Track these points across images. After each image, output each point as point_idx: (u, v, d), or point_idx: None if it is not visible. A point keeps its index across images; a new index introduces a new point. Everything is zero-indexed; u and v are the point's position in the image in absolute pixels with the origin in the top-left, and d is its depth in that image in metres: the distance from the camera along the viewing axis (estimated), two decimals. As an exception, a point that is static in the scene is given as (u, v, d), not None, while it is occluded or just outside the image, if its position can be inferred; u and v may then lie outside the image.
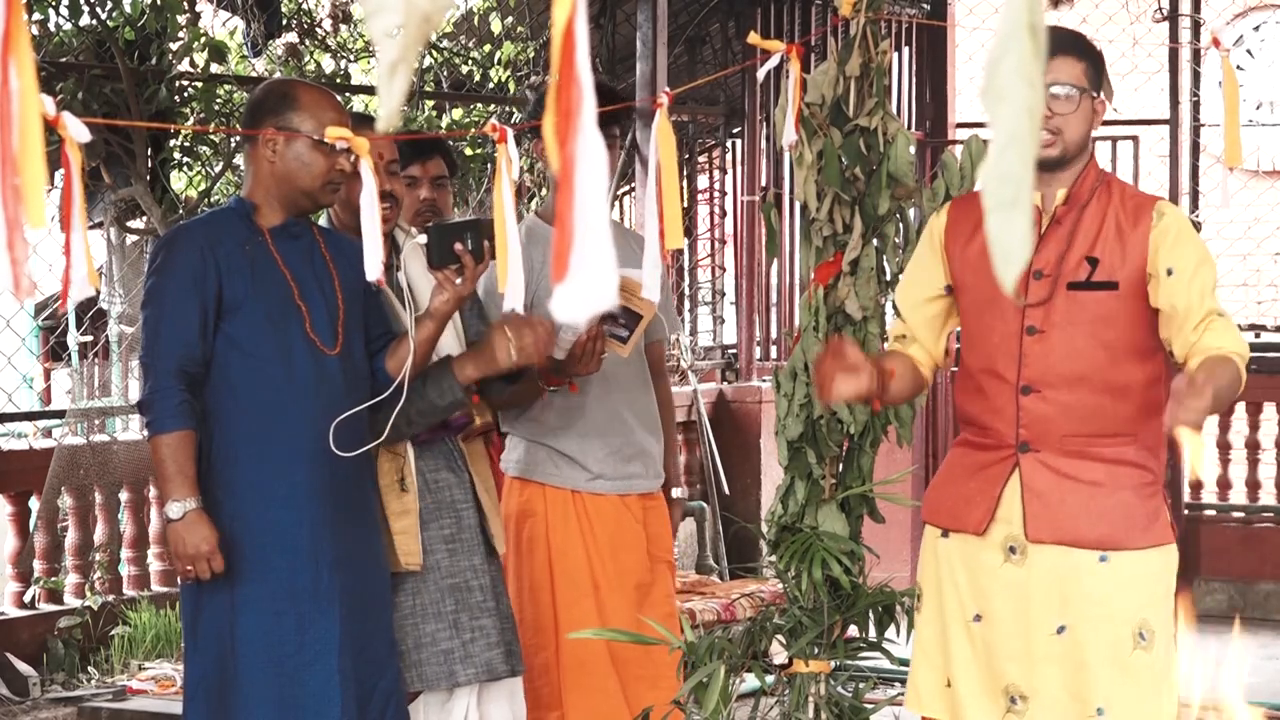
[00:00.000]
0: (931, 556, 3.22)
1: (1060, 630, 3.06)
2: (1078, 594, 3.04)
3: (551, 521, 3.89)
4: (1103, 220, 3.08)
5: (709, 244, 9.07)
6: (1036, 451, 3.08)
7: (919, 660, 3.23)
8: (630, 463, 3.93)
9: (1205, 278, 3.00)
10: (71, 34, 6.53)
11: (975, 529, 3.13)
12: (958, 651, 3.16)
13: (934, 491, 3.28)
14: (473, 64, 8.37)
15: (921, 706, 3.23)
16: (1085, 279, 3.06)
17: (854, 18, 3.15)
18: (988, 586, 3.12)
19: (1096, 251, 3.06)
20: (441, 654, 3.52)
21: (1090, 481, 3.06)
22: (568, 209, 1.05)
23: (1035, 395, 3.08)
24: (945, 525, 3.20)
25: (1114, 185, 3.14)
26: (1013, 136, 0.98)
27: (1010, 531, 3.10)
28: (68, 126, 2.19)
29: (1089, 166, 3.13)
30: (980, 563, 3.13)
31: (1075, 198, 3.10)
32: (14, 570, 5.75)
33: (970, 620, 3.15)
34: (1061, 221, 3.10)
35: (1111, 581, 3.04)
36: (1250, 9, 12.57)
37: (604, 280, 1.05)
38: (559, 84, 1.06)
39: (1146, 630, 3.04)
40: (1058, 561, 3.06)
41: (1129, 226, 3.06)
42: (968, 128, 7.72)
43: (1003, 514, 3.10)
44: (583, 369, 3.70)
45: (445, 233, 3.30)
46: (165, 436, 3.18)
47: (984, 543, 3.13)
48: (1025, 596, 3.08)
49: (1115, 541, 3.04)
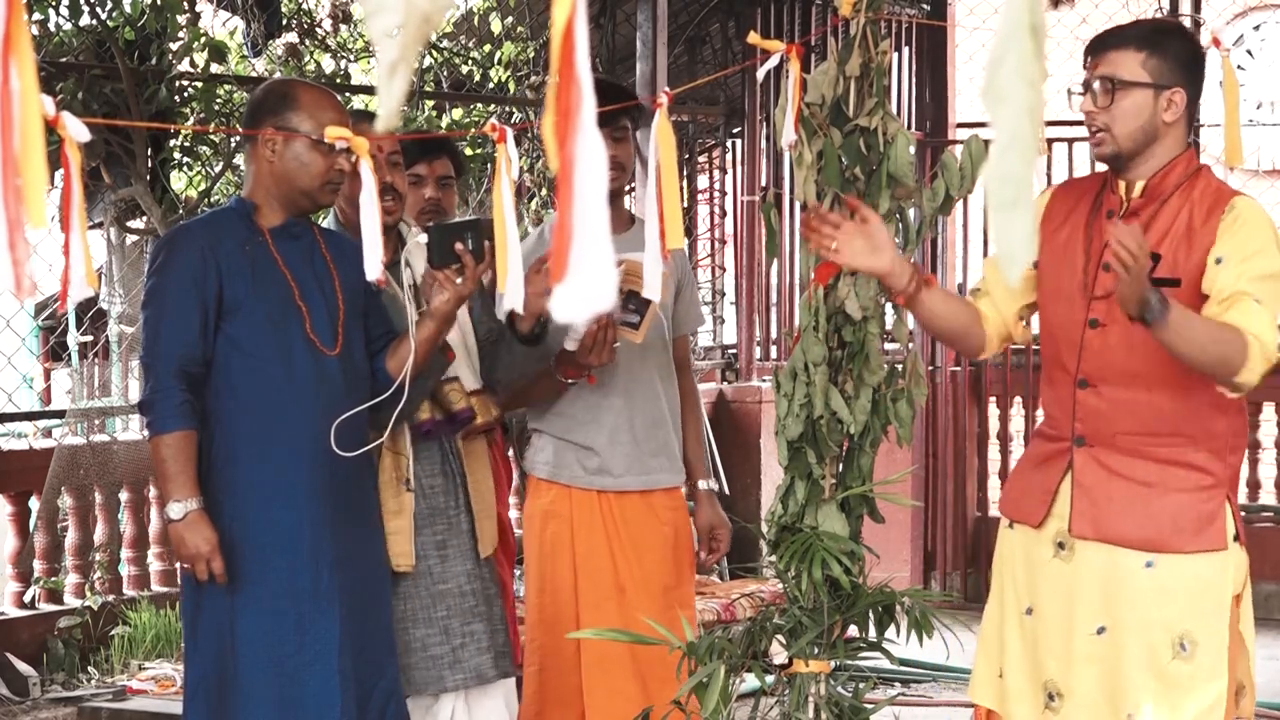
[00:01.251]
0: (1001, 546, 3.23)
1: (1100, 631, 3.03)
2: (1120, 596, 3.00)
3: (577, 525, 3.88)
4: (1177, 216, 3.00)
5: (709, 244, 9.07)
6: (1091, 447, 3.05)
7: (980, 649, 3.25)
8: (655, 457, 3.92)
9: (1257, 266, 2.89)
10: (71, 34, 6.53)
11: (1033, 521, 3.13)
12: (1010, 643, 3.16)
13: (1008, 481, 3.29)
14: (473, 64, 8.37)
15: (975, 694, 3.25)
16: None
17: (854, 18, 3.15)
18: (1038, 580, 3.12)
19: (1164, 246, 2.98)
20: (430, 659, 3.52)
21: (1141, 481, 3.01)
22: (568, 209, 1.05)
23: (1091, 389, 3.05)
24: (1011, 516, 3.20)
25: (1200, 179, 3.04)
26: (1014, 137, 0.99)
27: (1060, 526, 3.08)
28: (67, 126, 2.19)
29: (1176, 161, 3.03)
30: (1035, 556, 3.13)
31: (1154, 191, 3.03)
32: (14, 570, 5.75)
33: (1023, 613, 3.15)
34: (1139, 214, 3.03)
35: (1155, 587, 2.98)
36: (1250, 9, 12.57)
37: (604, 280, 1.05)
38: (559, 84, 1.06)
39: (1189, 640, 2.97)
40: (1104, 561, 3.03)
41: (1200, 222, 2.97)
42: (968, 128, 7.72)
43: (1057, 508, 3.09)
44: (595, 359, 3.69)
45: (446, 233, 3.30)
46: (166, 437, 3.18)
47: (1039, 536, 3.12)
48: (1070, 593, 3.06)
49: (1161, 544, 2.98)
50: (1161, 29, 3.11)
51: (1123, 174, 3.07)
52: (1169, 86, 2.99)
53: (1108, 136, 3.01)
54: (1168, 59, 3.00)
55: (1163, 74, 2.99)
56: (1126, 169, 3.06)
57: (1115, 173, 3.10)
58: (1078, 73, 3.19)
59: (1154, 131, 3.01)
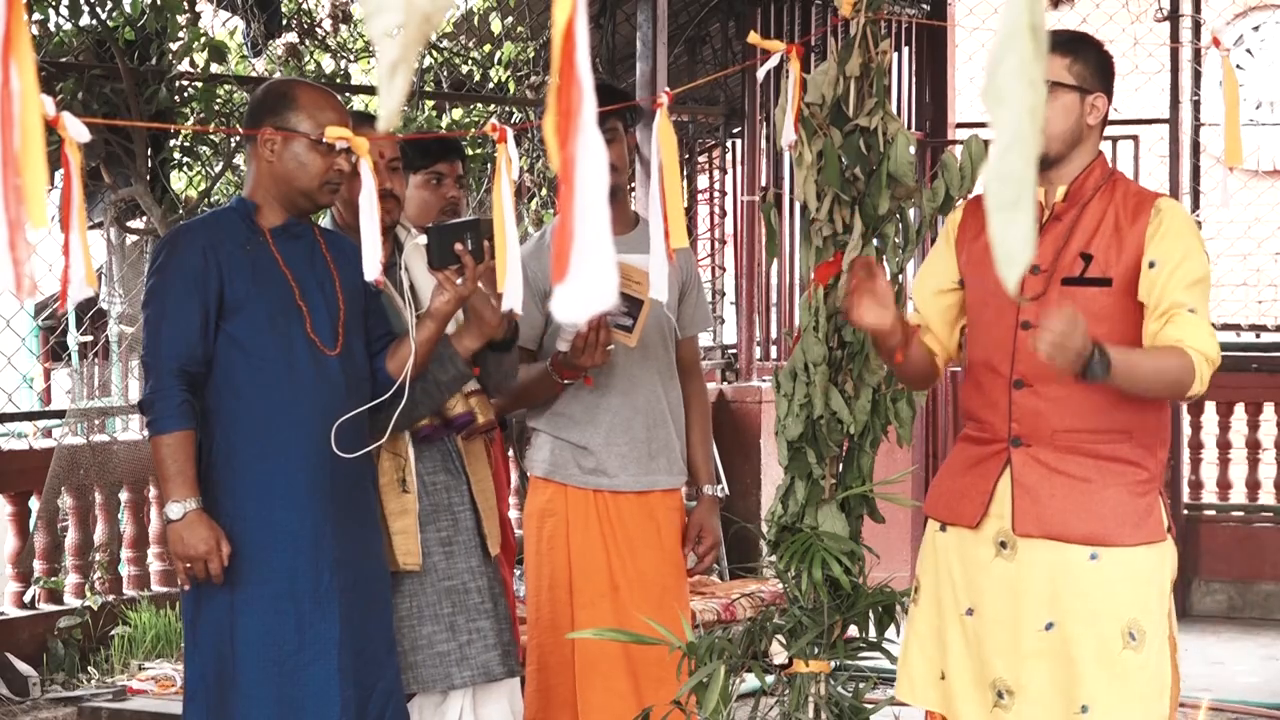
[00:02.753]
0: (930, 549, 3.24)
1: (1049, 627, 3.06)
2: (1067, 591, 3.04)
3: (573, 522, 3.88)
4: (1102, 217, 3.08)
5: (709, 244, 9.07)
6: (1028, 446, 3.09)
7: (914, 651, 3.24)
8: (654, 459, 3.92)
9: (1187, 272, 2.99)
10: (71, 34, 6.53)
11: (969, 523, 3.15)
12: (952, 644, 3.17)
13: (935, 485, 3.31)
14: (473, 64, 8.36)
15: (915, 697, 3.25)
16: (1079, 275, 3.06)
17: (854, 18, 3.15)
18: (979, 581, 3.14)
19: (1092, 248, 3.06)
20: (438, 656, 3.52)
21: (1081, 477, 3.06)
22: (568, 209, 1.05)
23: (1027, 390, 3.09)
24: (943, 518, 3.22)
25: (1119, 183, 3.14)
26: (1015, 137, 0.99)
27: (1001, 526, 3.11)
28: (67, 127, 2.19)
29: (1094, 164, 3.13)
30: (973, 557, 3.15)
31: (1076, 194, 3.11)
32: (14, 570, 5.75)
33: (963, 614, 3.16)
34: (1061, 218, 3.11)
35: (1101, 579, 3.03)
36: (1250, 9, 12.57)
37: (605, 280, 1.05)
38: (560, 84, 1.06)
39: (1136, 630, 3.03)
40: (1048, 558, 3.06)
41: (1127, 223, 3.06)
42: (968, 128, 7.72)
43: (995, 509, 3.12)
44: (587, 361, 3.69)
45: (445, 233, 3.30)
46: (166, 437, 3.18)
47: (977, 537, 3.14)
48: (1015, 592, 3.09)
49: (1104, 538, 3.04)
50: (1079, 37, 3.21)
51: (1043, 178, 3.10)
52: (1092, 91, 3.09)
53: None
54: (1089, 65, 3.10)
55: (1085, 79, 3.09)
56: (1048, 172, 3.11)
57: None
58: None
59: (1078, 134, 3.10)
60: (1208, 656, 6.88)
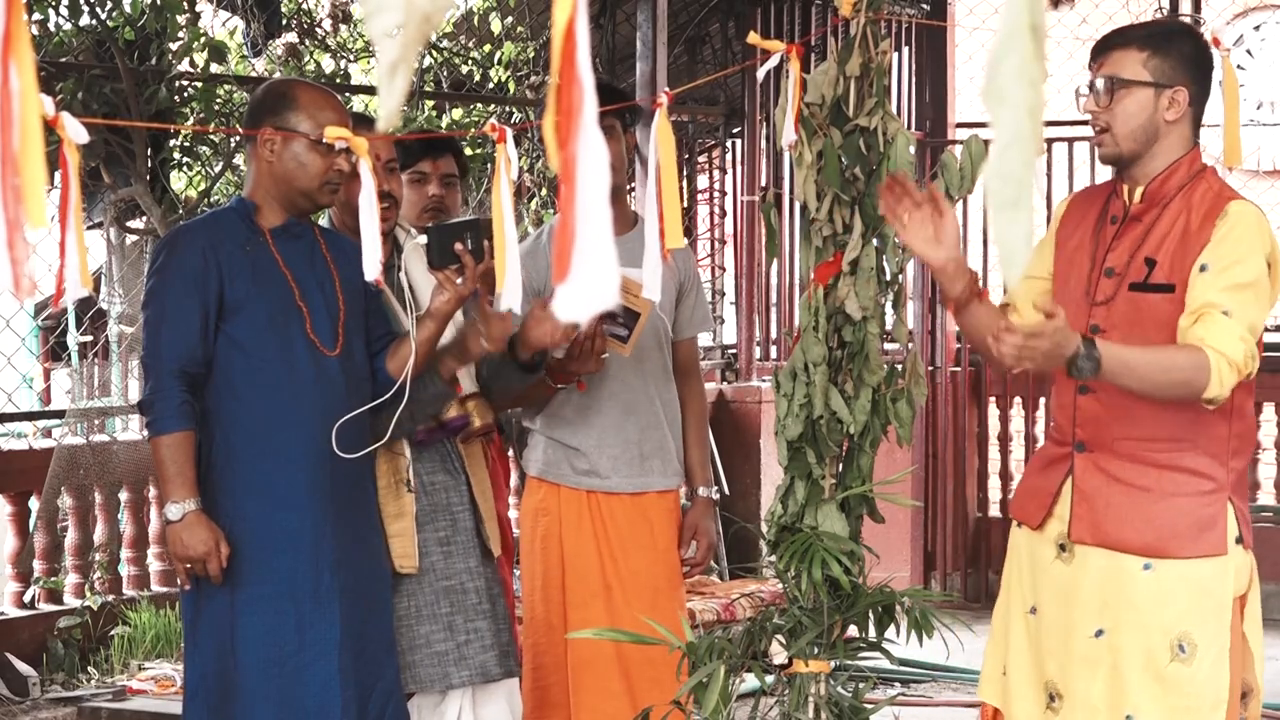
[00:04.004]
0: (1011, 545, 3.25)
1: (1099, 634, 3.03)
2: (1119, 599, 3.01)
3: (565, 522, 3.88)
4: (1176, 220, 2.99)
5: (709, 244, 9.07)
6: (1091, 452, 3.06)
7: (988, 646, 3.27)
8: (647, 460, 3.92)
9: (1234, 275, 2.88)
10: (71, 34, 6.53)
11: (1033, 523, 3.15)
12: (1014, 642, 3.18)
13: (1019, 483, 3.32)
14: (473, 64, 8.36)
15: (983, 692, 3.27)
16: (1144, 280, 2.99)
17: (854, 18, 3.15)
18: (1041, 581, 3.14)
19: (1161, 252, 2.98)
20: (436, 656, 3.52)
21: (1140, 486, 3.01)
22: (569, 209, 1.05)
23: (1091, 395, 3.05)
24: (1017, 517, 3.23)
25: (1202, 182, 3.02)
26: (1015, 137, 0.98)
27: (1061, 529, 3.10)
28: (66, 127, 2.19)
29: (1178, 163, 3.02)
30: (1038, 556, 3.15)
31: (1155, 195, 3.03)
32: (14, 570, 5.76)
33: (1027, 612, 3.17)
34: (1140, 219, 3.03)
35: (1153, 590, 2.98)
36: (1250, 9, 12.57)
37: (606, 280, 1.04)
38: (560, 84, 1.06)
39: (1187, 643, 2.97)
40: (1102, 564, 3.03)
41: (1196, 226, 2.96)
42: (968, 128, 7.72)
43: (1058, 511, 3.11)
44: (581, 367, 3.70)
45: (445, 233, 3.30)
46: (165, 437, 3.18)
47: (1042, 537, 3.14)
48: (1070, 596, 3.07)
49: (1159, 549, 2.98)
50: (1166, 29, 3.12)
51: (1127, 176, 3.07)
52: (1170, 85, 2.99)
53: (1109, 137, 3.02)
54: (1170, 58, 2.99)
55: (1164, 73, 2.99)
56: (1130, 170, 3.05)
57: (1120, 175, 3.10)
58: (1078, 73, 3.20)
59: (1155, 131, 3.00)
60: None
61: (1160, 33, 3.07)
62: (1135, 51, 3.00)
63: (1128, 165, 3.05)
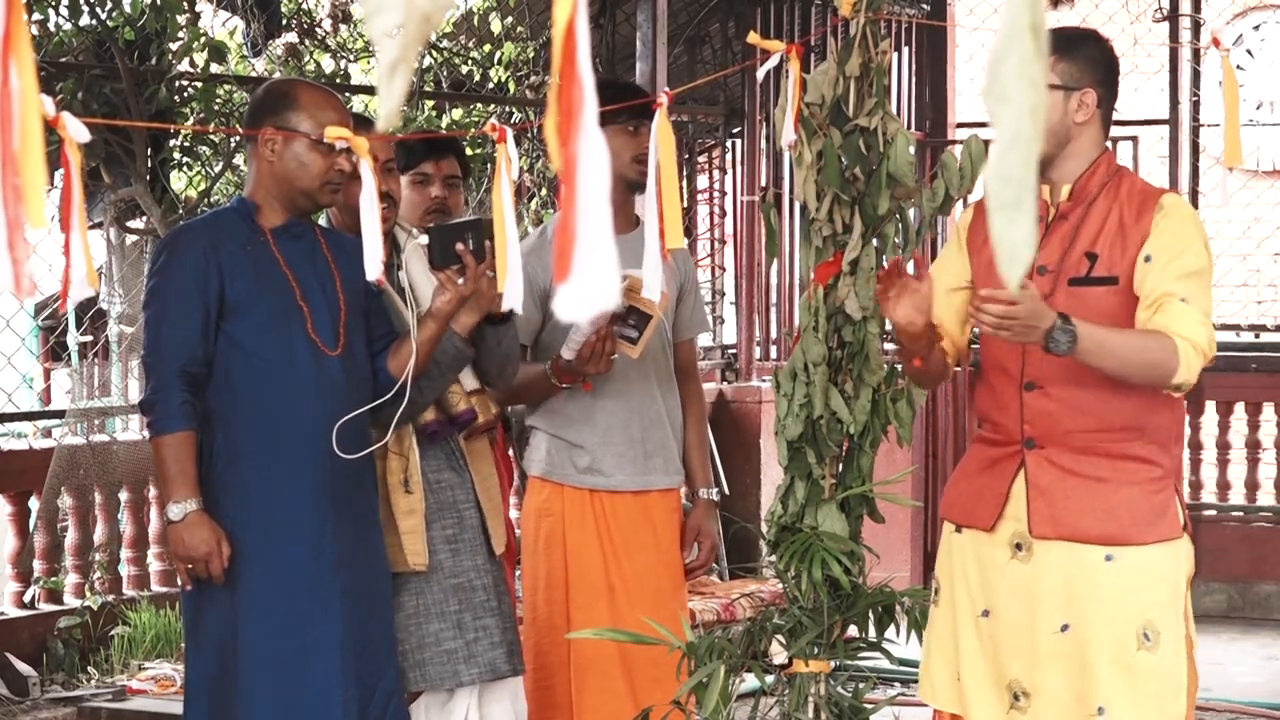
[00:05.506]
0: (947, 551, 3.25)
1: (1064, 628, 3.05)
2: (1083, 592, 3.04)
3: (569, 522, 3.89)
4: (1107, 215, 3.07)
5: (709, 244, 9.07)
6: (1042, 448, 3.09)
7: (934, 653, 3.26)
8: (650, 459, 3.92)
9: (1183, 264, 2.97)
10: (71, 34, 6.53)
11: (984, 525, 3.15)
12: (966, 646, 3.18)
13: (950, 487, 3.32)
14: (473, 64, 8.36)
15: (935, 699, 3.26)
16: (1085, 274, 3.06)
17: (854, 18, 3.15)
18: (995, 583, 3.14)
19: (1097, 247, 3.06)
20: (445, 654, 3.52)
21: (1096, 477, 3.05)
22: (570, 208, 1.05)
23: (1038, 391, 3.09)
24: (958, 521, 3.23)
25: (1125, 180, 3.13)
26: (1015, 137, 0.98)
27: (1017, 528, 3.11)
28: (67, 127, 2.18)
29: (1098, 162, 3.12)
30: (988, 559, 3.15)
31: (1080, 193, 3.11)
32: (14, 570, 5.75)
33: (978, 615, 3.17)
34: (1067, 217, 3.10)
35: (1117, 580, 3.03)
36: (1250, 9, 12.57)
37: (607, 279, 1.05)
38: (561, 84, 1.06)
39: (1151, 631, 3.02)
40: (1064, 559, 3.06)
41: (1131, 220, 3.05)
42: (968, 128, 7.72)
43: (1010, 511, 3.12)
44: (592, 368, 3.70)
45: (447, 233, 3.30)
46: (167, 437, 3.18)
47: (993, 539, 3.15)
48: (1031, 594, 3.08)
49: (1120, 538, 3.03)
50: (1073, 34, 3.21)
51: (1043, 178, 3.10)
52: (1078, 88, 3.08)
53: None
54: (1077, 62, 3.09)
55: (1071, 76, 3.08)
56: (1046, 171, 3.11)
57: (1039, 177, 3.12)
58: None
59: (1066, 132, 3.09)
60: (1208, 657, 6.85)
61: (1066, 38, 3.14)
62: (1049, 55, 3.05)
63: (1044, 167, 3.10)
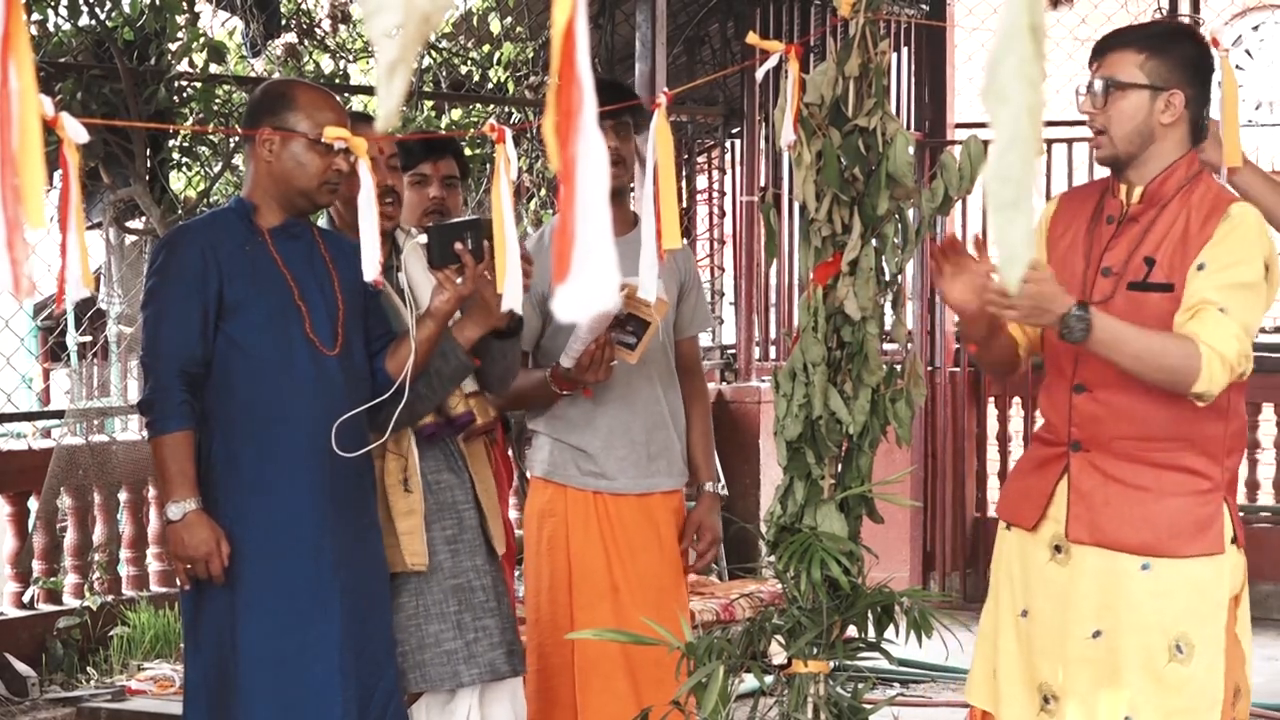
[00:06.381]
0: (999, 548, 3.24)
1: (1096, 634, 3.02)
2: (1117, 600, 3.00)
3: (572, 523, 3.88)
4: (1174, 221, 2.99)
5: (708, 244, 9.06)
6: (1087, 451, 3.05)
7: (977, 649, 3.26)
8: (653, 461, 3.92)
9: (1231, 275, 2.89)
10: (71, 34, 6.52)
11: (1027, 524, 3.13)
12: (1004, 645, 3.17)
13: (1006, 484, 3.31)
14: (472, 64, 8.36)
15: (970, 694, 3.26)
16: (1143, 279, 3.00)
17: (853, 18, 3.15)
18: (1034, 583, 3.12)
19: (1160, 252, 2.99)
20: (445, 654, 3.52)
21: (1137, 485, 3.00)
22: (569, 209, 1.05)
23: (1087, 394, 3.05)
24: (1007, 519, 3.21)
25: (1200, 185, 3.03)
26: (1014, 137, 0.98)
27: (1057, 530, 3.08)
28: (66, 127, 2.18)
29: (1176, 165, 3.03)
30: (1031, 558, 3.13)
31: (1153, 196, 3.03)
32: (13, 570, 5.75)
33: (1018, 615, 3.15)
34: (1137, 219, 3.04)
35: (1151, 590, 2.98)
36: (1250, 9, 12.58)
37: (606, 280, 1.04)
38: (560, 84, 1.06)
39: (1185, 643, 2.97)
40: (1100, 565, 3.02)
41: (1196, 227, 2.96)
42: (967, 128, 7.72)
43: (1052, 512, 3.09)
44: (592, 376, 3.71)
45: (446, 233, 3.30)
46: (166, 437, 3.18)
47: (1035, 539, 3.12)
48: (1066, 597, 3.06)
49: (1157, 548, 2.98)
50: (1166, 31, 3.12)
51: (1123, 177, 3.07)
52: (1166, 88, 2.99)
53: (1105, 138, 3.03)
54: (1168, 61, 2.99)
55: (1160, 76, 2.99)
56: (1126, 172, 3.06)
57: (1116, 176, 3.10)
58: (1078, 73, 3.20)
59: (1150, 133, 3.01)
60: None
61: (1159, 35, 3.07)
62: (1133, 53, 3.00)
63: (1124, 166, 3.05)
